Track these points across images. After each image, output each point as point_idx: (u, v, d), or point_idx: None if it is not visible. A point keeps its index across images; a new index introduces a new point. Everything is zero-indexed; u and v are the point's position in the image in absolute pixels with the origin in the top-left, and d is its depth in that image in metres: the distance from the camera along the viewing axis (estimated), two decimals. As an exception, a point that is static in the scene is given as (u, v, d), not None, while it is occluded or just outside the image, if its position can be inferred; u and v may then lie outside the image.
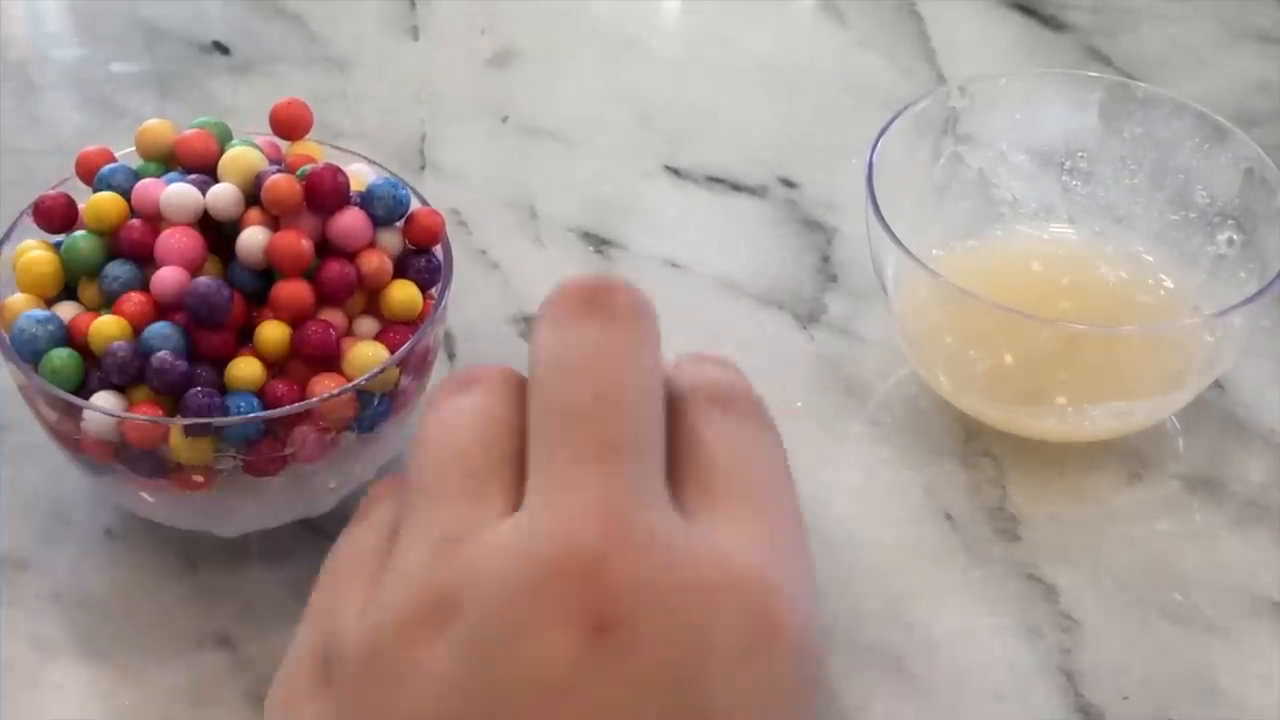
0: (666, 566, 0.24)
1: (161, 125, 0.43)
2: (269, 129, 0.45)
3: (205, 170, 0.42)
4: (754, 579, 0.25)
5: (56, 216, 0.42)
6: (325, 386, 0.40)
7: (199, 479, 0.40)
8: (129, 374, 0.39)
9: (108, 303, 0.40)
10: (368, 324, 0.42)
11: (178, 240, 0.40)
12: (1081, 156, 0.51)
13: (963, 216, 0.51)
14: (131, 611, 0.43)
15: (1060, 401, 0.46)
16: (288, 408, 0.39)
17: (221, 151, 0.42)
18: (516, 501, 0.25)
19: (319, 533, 0.44)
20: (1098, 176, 0.51)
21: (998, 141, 0.52)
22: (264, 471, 0.40)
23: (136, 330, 0.39)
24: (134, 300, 0.40)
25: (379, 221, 0.42)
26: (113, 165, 0.42)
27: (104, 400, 0.39)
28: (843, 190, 0.56)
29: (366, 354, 0.40)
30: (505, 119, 0.60)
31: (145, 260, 0.41)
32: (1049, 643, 0.43)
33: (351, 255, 0.41)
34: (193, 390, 0.39)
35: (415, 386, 0.43)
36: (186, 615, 0.43)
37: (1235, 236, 0.48)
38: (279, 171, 0.41)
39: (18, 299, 0.41)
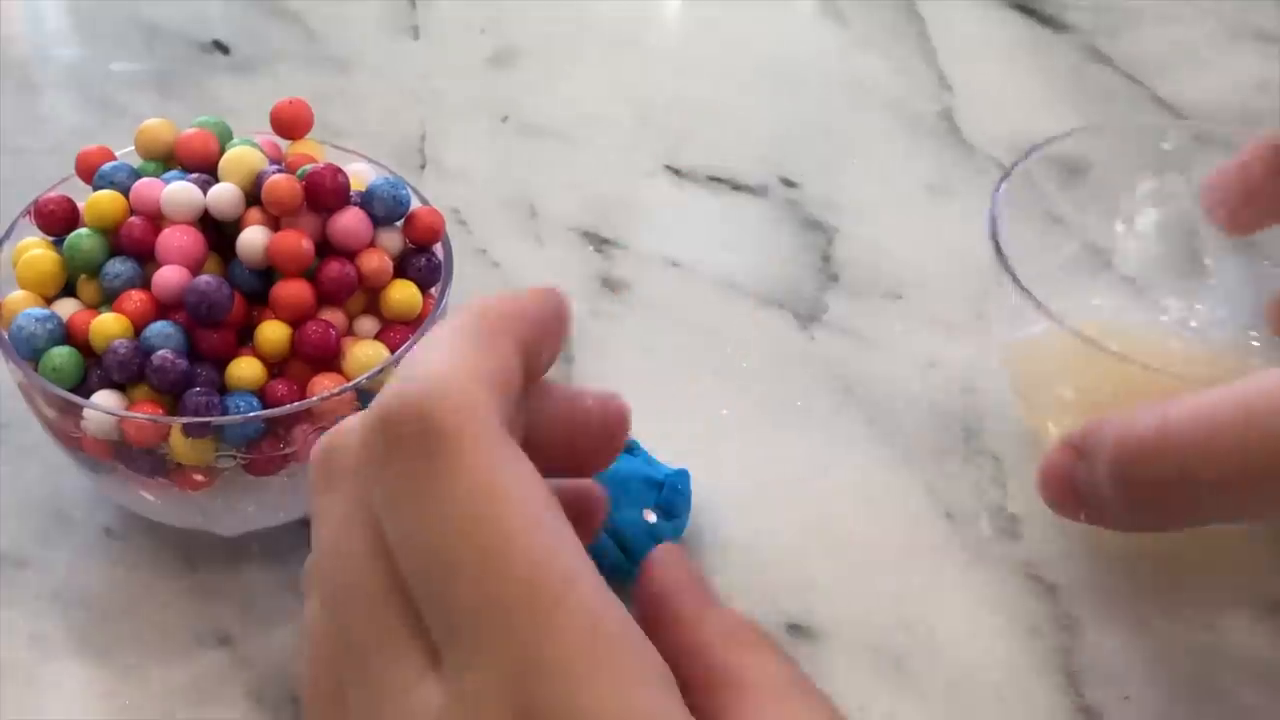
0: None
1: (161, 125, 0.43)
2: (269, 128, 0.45)
3: (206, 170, 0.42)
4: None
5: (57, 219, 0.42)
6: (325, 386, 0.40)
7: (199, 478, 0.40)
8: (129, 372, 0.39)
9: (108, 300, 0.40)
10: (368, 323, 0.42)
11: (178, 239, 0.40)
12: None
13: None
14: (131, 611, 0.43)
15: None
16: (288, 407, 0.39)
17: (222, 151, 0.42)
18: (427, 641, 0.25)
19: (319, 532, 0.44)
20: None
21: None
22: (264, 471, 0.40)
23: (137, 329, 0.39)
24: (135, 298, 0.40)
25: (379, 221, 0.42)
26: (113, 163, 0.42)
27: (104, 399, 0.39)
28: (843, 190, 0.56)
29: (366, 353, 0.40)
30: (505, 118, 0.60)
31: (146, 258, 0.41)
32: (1049, 643, 0.43)
33: (352, 255, 0.41)
34: (192, 390, 0.39)
35: (415, 386, 0.43)
36: (186, 615, 0.43)
37: None
38: (279, 171, 0.41)
39: (17, 296, 0.41)
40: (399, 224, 0.43)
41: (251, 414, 0.39)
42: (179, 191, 0.41)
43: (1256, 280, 0.48)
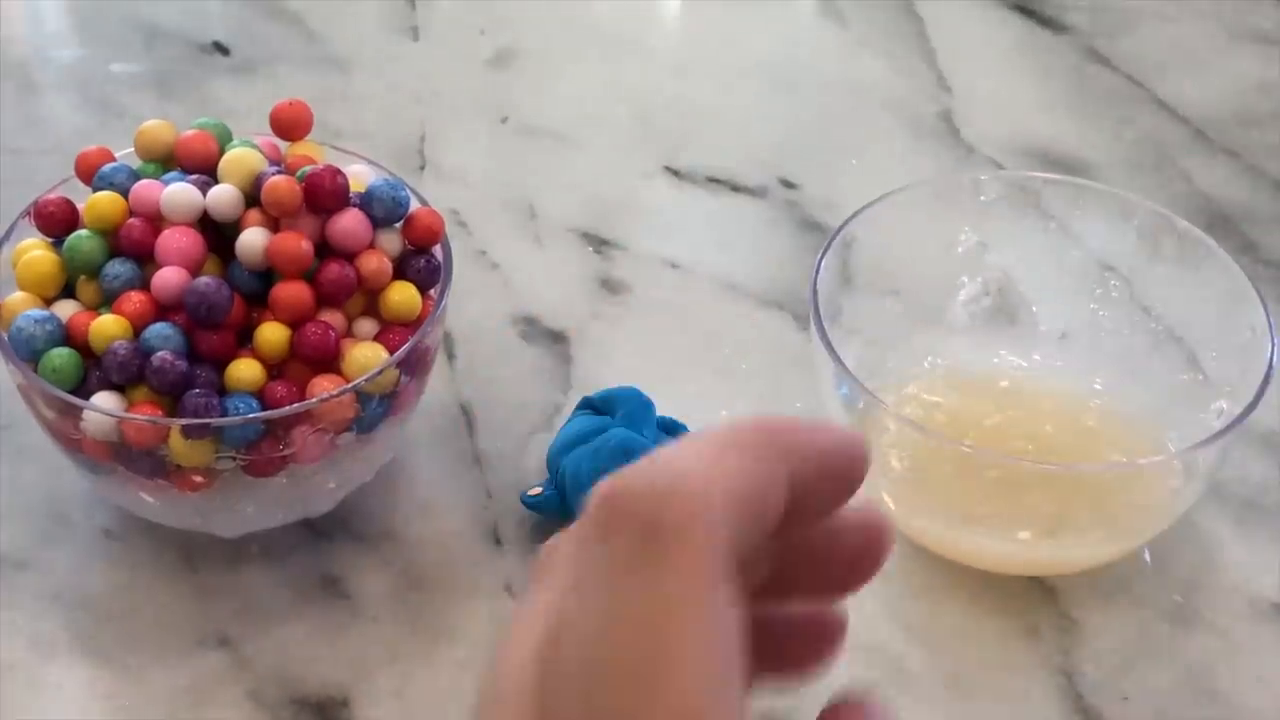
0: None
1: (160, 126, 0.43)
2: (269, 129, 0.45)
3: (205, 171, 0.42)
4: None
5: (57, 220, 0.42)
6: (324, 387, 0.40)
7: (198, 480, 0.40)
8: (129, 373, 0.39)
9: (107, 301, 0.40)
10: (367, 325, 0.42)
11: (178, 240, 0.40)
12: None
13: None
14: (131, 611, 0.43)
15: (1023, 536, 0.43)
16: (287, 408, 0.39)
17: (221, 152, 0.42)
18: None
19: (319, 533, 0.44)
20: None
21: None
22: (264, 472, 0.40)
23: (137, 330, 0.39)
24: (134, 300, 0.40)
25: (378, 222, 0.42)
26: (113, 165, 0.43)
27: (104, 400, 0.39)
28: (842, 190, 0.56)
29: (366, 355, 0.40)
30: (505, 119, 0.60)
31: (145, 260, 0.41)
32: (1049, 643, 0.43)
33: (351, 256, 0.41)
34: (192, 391, 0.39)
35: (414, 387, 0.43)
36: (186, 615, 0.43)
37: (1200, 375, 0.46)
38: (279, 172, 0.41)
39: (17, 298, 0.41)
40: (398, 225, 0.43)
41: (251, 415, 0.39)
42: (178, 193, 0.41)
43: (1090, 325, 0.48)
